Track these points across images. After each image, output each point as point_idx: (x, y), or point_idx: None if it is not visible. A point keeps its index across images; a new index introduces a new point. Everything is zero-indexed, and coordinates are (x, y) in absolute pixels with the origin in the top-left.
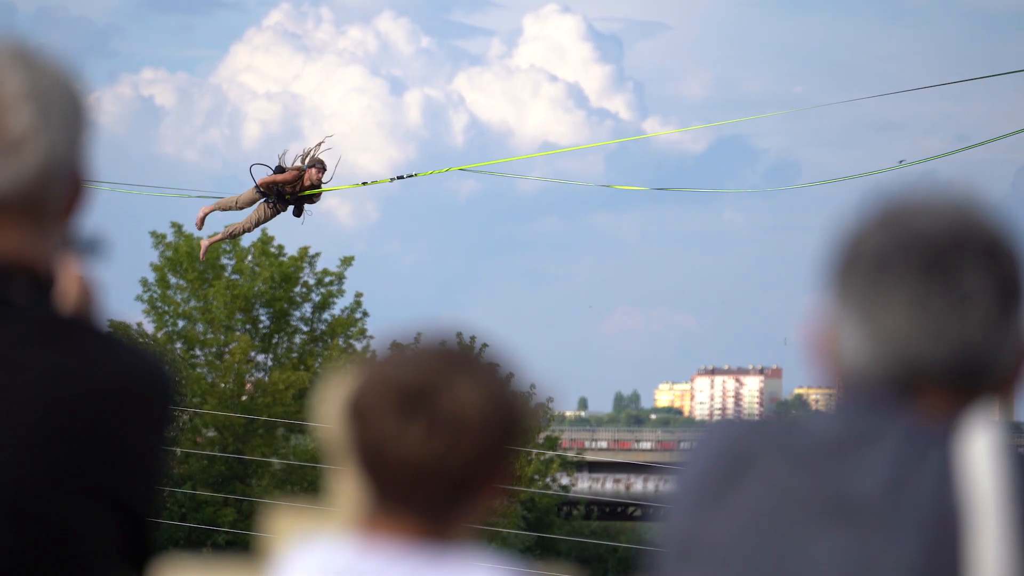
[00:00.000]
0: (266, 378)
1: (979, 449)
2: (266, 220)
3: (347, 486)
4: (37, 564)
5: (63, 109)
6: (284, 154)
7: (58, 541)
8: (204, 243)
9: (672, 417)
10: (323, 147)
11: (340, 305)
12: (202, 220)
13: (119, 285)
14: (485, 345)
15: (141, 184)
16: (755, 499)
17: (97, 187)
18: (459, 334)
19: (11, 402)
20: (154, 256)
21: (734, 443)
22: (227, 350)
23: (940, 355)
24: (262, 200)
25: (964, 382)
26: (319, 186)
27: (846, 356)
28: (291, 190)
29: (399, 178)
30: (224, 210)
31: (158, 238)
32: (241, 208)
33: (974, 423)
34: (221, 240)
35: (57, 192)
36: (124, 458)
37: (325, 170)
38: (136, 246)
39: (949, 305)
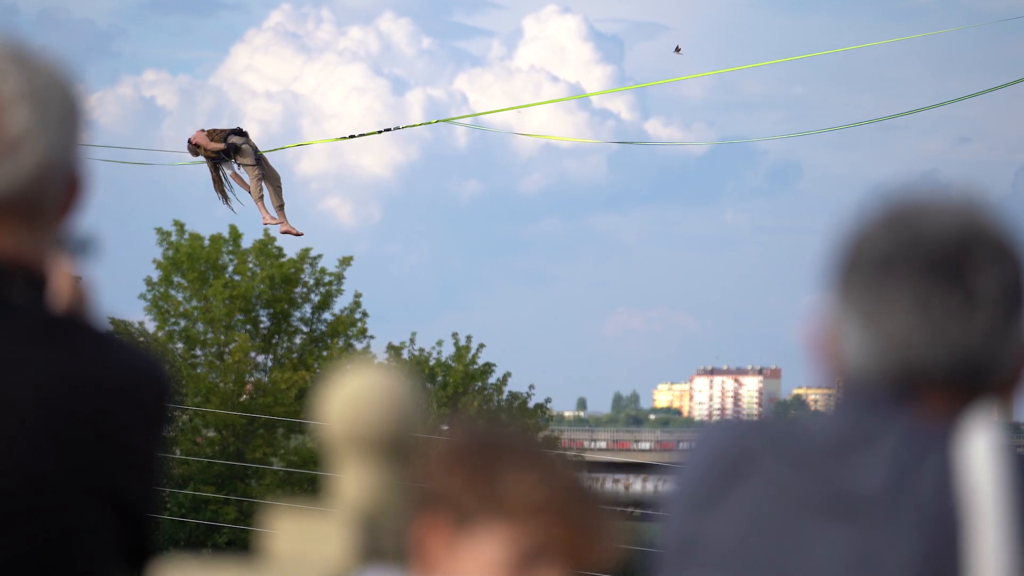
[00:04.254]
0: (266, 379)
1: (979, 450)
2: (253, 179)
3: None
4: (37, 563)
5: (60, 110)
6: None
7: (57, 540)
8: (270, 222)
9: (671, 417)
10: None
11: (339, 305)
12: (271, 216)
13: (122, 283)
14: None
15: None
16: (754, 499)
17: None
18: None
19: (10, 401)
20: (158, 253)
21: (733, 443)
22: (227, 350)
23: (942, 358)
24: (248, 167)
25: (965, 384)
26: (213, 139)
27: (847, 356)
28: (215, 154)
29: (386, 130)
30: (261, 196)
31: (163, 235)
32: (258, 185)
33: (974, 424)
34: (267, 207)
35: (54, 192)
36: (122, 457)
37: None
38: (138, 244)
39: (952, 308)
